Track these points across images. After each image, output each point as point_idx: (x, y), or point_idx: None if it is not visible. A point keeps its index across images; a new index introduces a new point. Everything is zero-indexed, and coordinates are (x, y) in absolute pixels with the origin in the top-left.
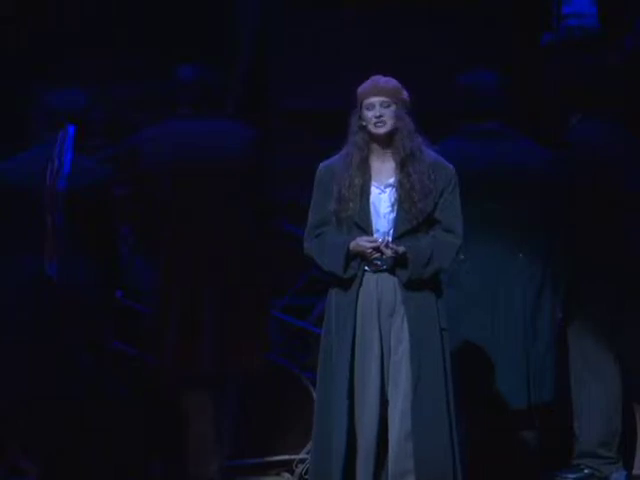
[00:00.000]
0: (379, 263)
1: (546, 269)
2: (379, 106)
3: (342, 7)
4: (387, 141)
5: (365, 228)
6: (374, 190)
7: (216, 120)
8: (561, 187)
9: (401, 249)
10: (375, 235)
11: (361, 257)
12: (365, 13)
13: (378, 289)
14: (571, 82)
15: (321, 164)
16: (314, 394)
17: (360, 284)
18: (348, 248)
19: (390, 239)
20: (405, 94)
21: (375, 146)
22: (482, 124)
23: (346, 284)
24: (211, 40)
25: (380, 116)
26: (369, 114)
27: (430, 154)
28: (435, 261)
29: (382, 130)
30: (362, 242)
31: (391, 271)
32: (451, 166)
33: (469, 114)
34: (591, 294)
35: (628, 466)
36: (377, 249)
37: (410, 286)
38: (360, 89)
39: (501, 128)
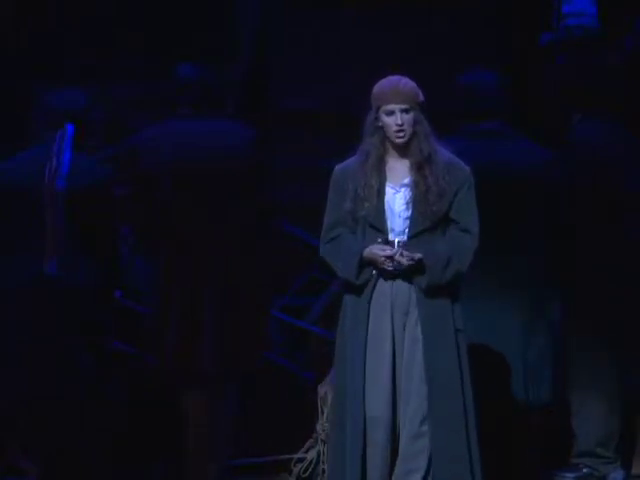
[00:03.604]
0: (392, 270)
1: (545, 269)
2: (399, 113)
3: (342, 7)
4: (403, 146)
5: (380, 228)
6: (389, 190)
7: (216, 120)
8: (561, 187)
9: (417, 256)
10: (390, 235)
11: (374, 265)
12: (365, 13)
13: (393, 290)
14: (571, 82)
15: (337, 166)
16: (313, 394)
17: (375, 285)
18: (361, 255)
19: (405, 238)
20: (421, 96)
21: (391, 147)
22: (482, 124)
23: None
24: (211, 40)
25: (402, 124)
26: (388, 120)
27: (445, 154)
28: (453, 265)
29: (402, 140)
30: (375, 250)
31: (406, 275)
32: (467, 167)
33: (469, 114)
34: (590, 294)
35: (627, 466)
36: (391, 257)
37: (429, 292)
38: (378, 91)
39: (501, 128)
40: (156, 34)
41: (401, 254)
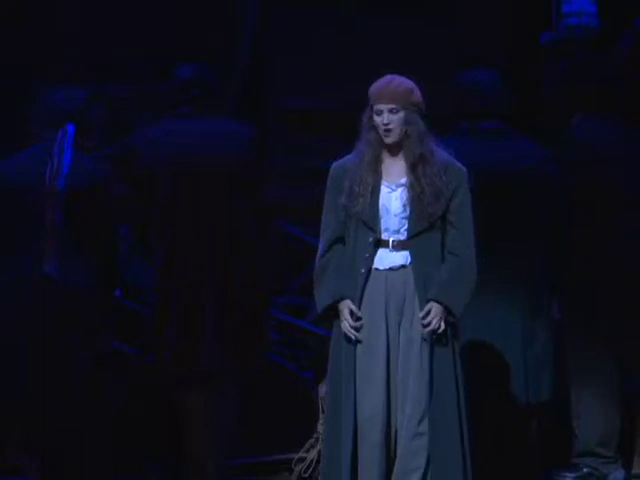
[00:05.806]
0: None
1: (545, 269)
2: (387, 113)
3: (342, 7)
4: (397, 146)
5: (372, 227)
6: (384, 189)
7: (215, 119)
8: (561, 186)
9: (434, 319)
10: (384, 234)
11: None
12: (365, 13)
13: (387, 289)
14: (571, 82)
15: (334, 163)
16: (312, 394)
17: (366, 281)
18: (334, 303)
19: (401, 237)
20: (416, 96)
21: (385, 146)
22: (481, 123)
23: (354, 282)
24: (211, 40)
25: (387, 124)
26: (377, 119)
27: (441, 155)
28: (465, 282)
29: (389, 140)
30: (346, 313)
31: (402, 268)
32: (463, 167)
33: (468, 113)
34: (590, 294)
35: (627, 465)
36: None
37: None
38: (372, 89)
39: (500, 127)
40: (156, 34)
41: (424, 317)
